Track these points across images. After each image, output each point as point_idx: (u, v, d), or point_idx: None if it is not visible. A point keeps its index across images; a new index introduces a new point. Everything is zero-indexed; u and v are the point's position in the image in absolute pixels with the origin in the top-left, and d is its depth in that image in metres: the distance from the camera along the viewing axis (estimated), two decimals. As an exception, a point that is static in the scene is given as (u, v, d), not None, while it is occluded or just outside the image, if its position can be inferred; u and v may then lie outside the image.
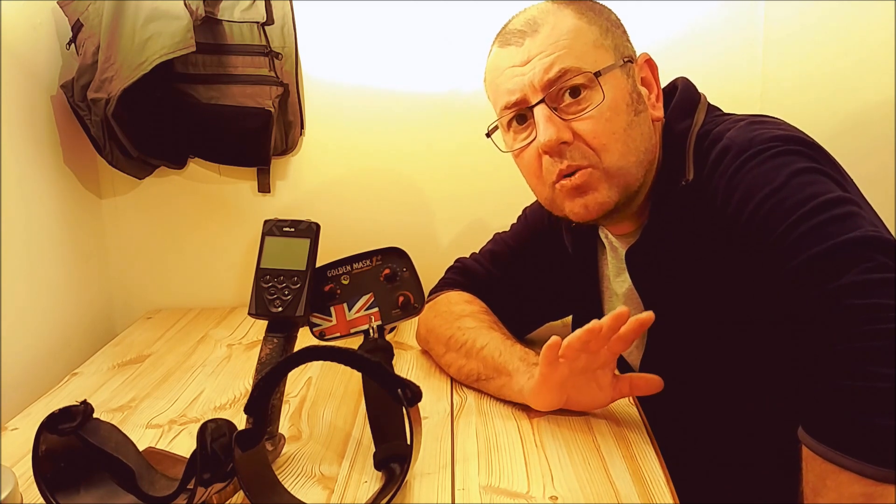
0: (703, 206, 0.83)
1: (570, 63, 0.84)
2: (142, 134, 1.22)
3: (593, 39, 0.86)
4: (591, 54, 0.85)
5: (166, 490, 0.68)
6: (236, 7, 1.25)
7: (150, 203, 1.40)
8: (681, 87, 0.94)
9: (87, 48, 1.17)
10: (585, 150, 0.85)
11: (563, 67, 0.84)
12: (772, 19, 1.30)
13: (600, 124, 0.84)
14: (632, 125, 0.86)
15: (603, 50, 0.86)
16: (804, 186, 0.74)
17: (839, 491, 0.65)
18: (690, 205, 0.85)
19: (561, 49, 0.84)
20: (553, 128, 0.84)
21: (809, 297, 0.68)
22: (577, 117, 0.85)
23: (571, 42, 0.85)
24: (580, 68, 0.84)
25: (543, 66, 0.84)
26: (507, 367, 0.91)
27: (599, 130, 0.84)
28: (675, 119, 0.90)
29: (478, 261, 1.13)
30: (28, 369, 1.11)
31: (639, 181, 0.87)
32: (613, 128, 0.84)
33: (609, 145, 0.85)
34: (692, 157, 0.86)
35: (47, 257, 1.20)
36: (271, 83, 1.27)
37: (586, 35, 0.86)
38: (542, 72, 0.84)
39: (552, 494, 0.72)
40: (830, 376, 0.65)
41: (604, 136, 0.84)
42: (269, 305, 0.81)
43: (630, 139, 0.85)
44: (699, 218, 0.84)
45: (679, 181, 0.86)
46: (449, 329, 1.01)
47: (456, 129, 1.33)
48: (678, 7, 1.30)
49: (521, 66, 0.86)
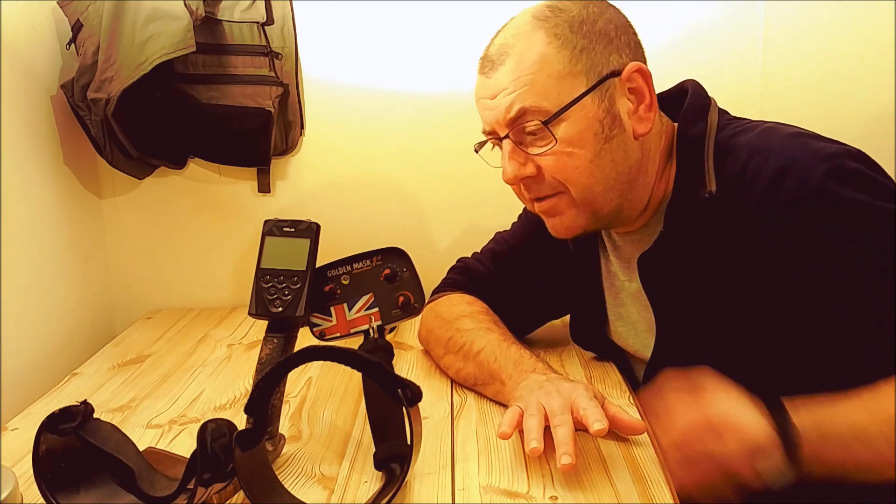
0: (733, 220, 0.83)
1: (531, 101, 0.83)
2: (142, 134, 1.22)
3: (559, 70, 0.83)
4: (554, 88, 0.83)
5: (166, 490, 0.68)
6: (236, 7, 1.25)
7: (150, 203, 1.40)
8: (691, 90, 0.93)
9: (87, 48, 1.17)
10: (552, 181, 0.87)
11: (523, 107, 0.84)
12: (772, 19, 1.30)
13: (562, 159, 0.85)
14: (600, 154, 0.85)
15: (571, 78, 0.84)
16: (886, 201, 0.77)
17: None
18: (713, 217, 0.84)
19: (522, 86, 0.84)
20: (514, 164, 0.86)
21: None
22: (541, 153, 0.85)
23: (534, 77, 0.83)
24: (539, 107, 0.83)
25: (505, 105, 0.85)
26: (500, 375, 0.91)
27: (561, 166, 0.85)
28: (687, 124, 0.90)
29: (479, 260, 1.13)
30: (28, 369, 1.11)
31: (610, 205, 0.88)
32: (576, 163, 0.85)
33: (572, 179, 0.85)
34: (713, 167, 0.86)
35: (47, 257, 1.20)
36: (271, 83, 1.27)
37: (552, 66, 0.83)
38: (504, 111, 0.85)
39: (552, 494, 0.72)
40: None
41: (566, 171, 0.85)
42: (270, 305, 0.81)
43: (597, 169, 0.85)
44: (724, 231, 0.84)
45: (699, 191, 0.85)
46: (448, 331, 1.02)
47: (456, 130, 1.33)
48: (678, 7, 1.30)
49: (490, 100, 0.87)
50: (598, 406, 0.78)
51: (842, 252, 0.78)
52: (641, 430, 0.81)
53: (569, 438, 0.74)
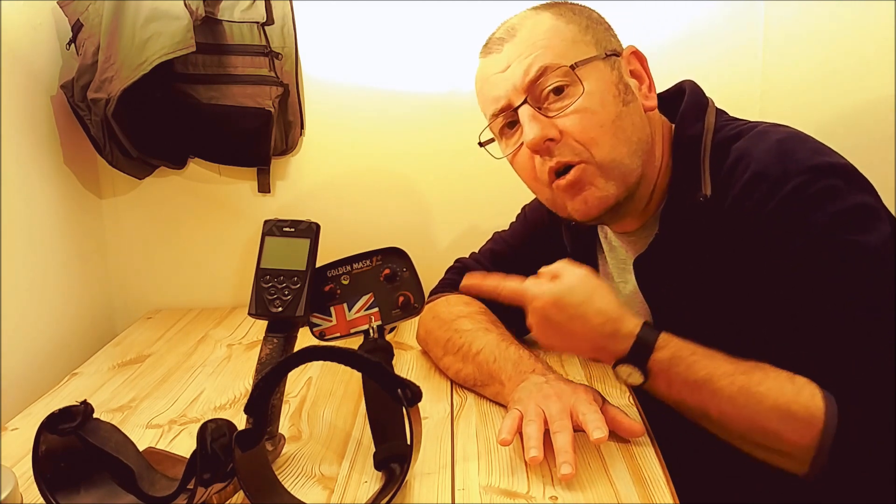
0: (724, 225, 0.82)
1: (549, 60, 0.84)
2: (142, 134, 1.22)
3: (572, 36, 0.86)
4: (570, 50, 0.85)
5: (166, 490, 0.68)
6: (236, 7, 1.25)
7: (150, 203, 1.40)
8: (688, 90, 0.93)
9: (87, 48, 1.17)
10: (575, 146, 0.84)
11: (543, 65, 0.84)
12: (772, 19, 1.29)
13: (586, 118, 0.84)
14: (621, 116, 0.85)
15: (583, 45, 0.86)
16: (845, 231, 0.77)
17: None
18: (707, 221, 0.84)
19: (539, 49, 0.84)
20: (538, 125, 0.84)
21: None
22: (562, 113, 0.84)
23: (549, 41, 0.85)
24: (559, 64, 0.84)
25: (523, 68, 0.84)
26: (500, 376, 0.91)
27: (586, 124, 0.84)
28: (685, 124, 0.89)
29: (478, 260, 1.13)
30: (28, 369, 1.11)
31: (636, 172, 0.86)
32: (601, 120, 0.84)
33: (598, 138, 0.84)
34: (708, 169, 0.86)
35: (47, 257, 1.20)
36: (271, 83, 1.27)
37: (564, 33, 0.86)
38: (523, 73, 0.84)
39: (552, 494, 0.72)
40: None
41: (591, 129, 0.84)
42: (269, 305, 0.81)
43: (619, 130, 0.85)
44: (717, 235, 0.84)
45: (694, 194, 0.85)
46: (446, 332, 1.01)
47: (456, 130, 1.33)
48: (678, 7, 1.30)
49: (503, 73, 0.86)
50: (597, 410, 0.78)
51: (789, 269, 0.78)
52: (640, 432, 0.81)
53: (568, 446, 0.74)
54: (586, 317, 0.79)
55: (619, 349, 0.79)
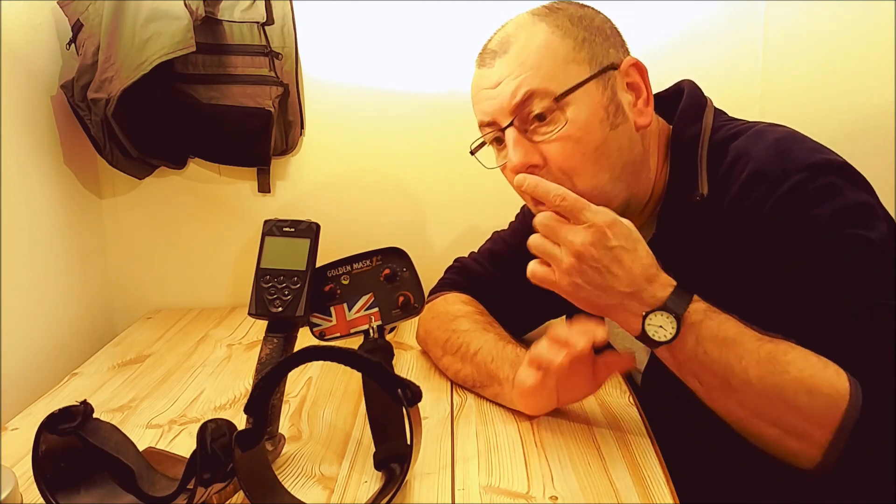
0: (723, 225, 0.82)
1: (537, 84, 0.83)
2: (142, 134, 1.22)
3: (564, 55, 0.84)
4: (560, 73, 0.83)
5: (166, 490, 0.68)
6: (236, 7, 1.25)
7: (150, 203, 1.40)
8: (687, 90, 0.93)
9: (87, 48, 1.17)
10: (557, 175, 0.84)
11: (529, 90, 0.83)
12: (772, 19, 1.30)
13: (569, 146, 0.83)
14: (606, 141, 0.84)
15: (575, 64, 0.84)
16: (846, 226, 0.76)
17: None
18: (705, 220, 0.84)
19: (528, 70, 0.83)
20: (521, 151, 0.84)
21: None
22: (546, 139, 0.84)
23: (540, 61, 0.83)
24: (546, 89, 0.83)
25: (511, 89, 0.84)
26: (498, 376, 0.91)
27: (569, 153, 0.83)
28: (683, 125, 0.89)
29: (477, 260, 1.13)
30: (28, 369, 1.11)
31: (619, 197, 0.86)
32: (583, 149, 0.83)
33: (579, 167, 0.84)
34: (706, 169, 0.85)
35: (47, 257, 1.20)
36: (271, 83, 1.28)
37: (557, 51, 0.84)
38: (510, 95, 0.84)
39: (552, 494, 0.72)
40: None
41: (573, 157, 0.84)
42: (269, 305, 0.81)
43: (603, 157, 0.84)
44: (716, 235, 0.83)
45: (691, 194, 0.85)
46: (445, 332, 1.01)
47: (456, 130, 1.32)
48: (678, 7, 1.30)
49: (492, 89, 0.85)
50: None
51: (791, 266, 0.78)
52: (631, 360, 0.85)
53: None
54: (636, 252, 0.77)
55: (658, 295, 0.77)
